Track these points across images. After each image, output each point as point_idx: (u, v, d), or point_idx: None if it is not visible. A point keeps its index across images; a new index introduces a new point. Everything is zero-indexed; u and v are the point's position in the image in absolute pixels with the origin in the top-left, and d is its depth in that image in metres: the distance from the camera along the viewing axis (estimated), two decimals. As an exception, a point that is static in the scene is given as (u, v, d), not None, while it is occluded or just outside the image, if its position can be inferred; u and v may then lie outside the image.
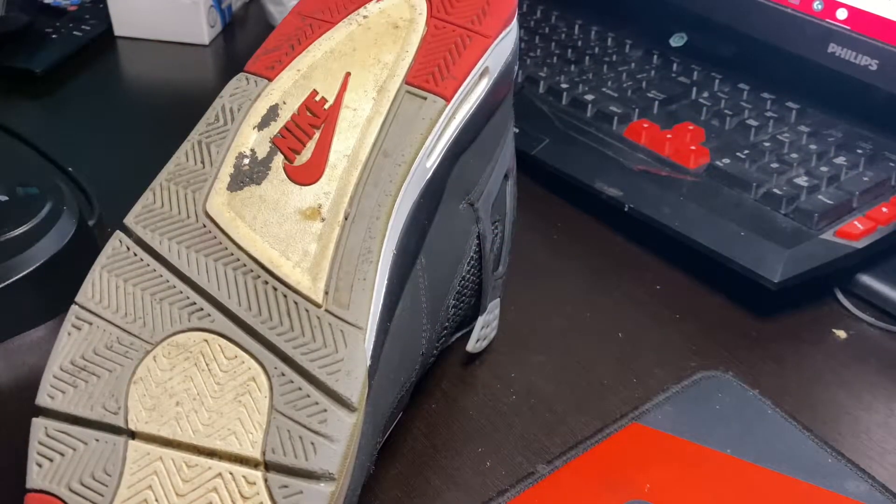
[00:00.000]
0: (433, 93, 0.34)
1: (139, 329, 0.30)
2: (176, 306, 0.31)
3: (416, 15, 0.36)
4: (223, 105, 0.35)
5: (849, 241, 0.46)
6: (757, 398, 0.40)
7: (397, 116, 0.33)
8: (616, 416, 0.40)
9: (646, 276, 0.50)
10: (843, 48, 0.53)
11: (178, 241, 0.32)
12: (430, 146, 0.34)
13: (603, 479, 0.36)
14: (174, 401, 0.29)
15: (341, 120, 0.33)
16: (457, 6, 0.36)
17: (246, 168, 0.33)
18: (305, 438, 0.28)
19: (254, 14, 0.80)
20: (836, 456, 0.38)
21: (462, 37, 0.35)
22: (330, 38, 0.36)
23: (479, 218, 0.38)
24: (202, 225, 0.32)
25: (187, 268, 0.31)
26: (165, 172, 0.33)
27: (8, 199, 0.47)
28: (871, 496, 0.36)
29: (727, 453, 0.38)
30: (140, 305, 0.31)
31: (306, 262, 0.31)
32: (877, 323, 0.47)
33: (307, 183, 0.32)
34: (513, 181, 0.42)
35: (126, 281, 0.31)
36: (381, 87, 0.34)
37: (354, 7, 0.36)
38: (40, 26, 0.73)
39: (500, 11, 0.36)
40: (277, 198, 0.32)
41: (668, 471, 0.37)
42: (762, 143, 0.54)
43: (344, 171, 0.32)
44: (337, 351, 0.29)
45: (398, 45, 0.35)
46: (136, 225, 0.32)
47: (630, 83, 0.60)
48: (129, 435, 0.29)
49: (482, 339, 0.42)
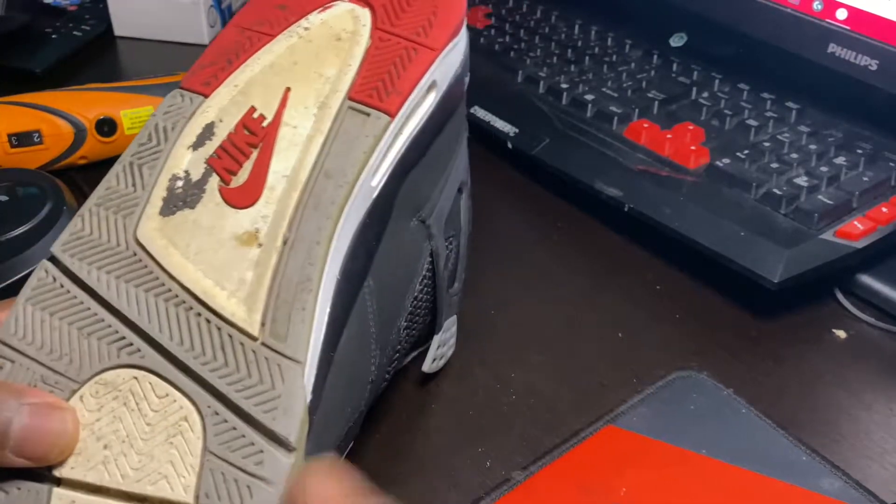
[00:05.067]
0: (377, 108, 0.32)
1: (65, 367, 0.28)
2: (105, 341, 0.28)
3: (360, 27, 0.34)
4: (156, 124, 0.32)
5: (849, 241, 0.46)
6: (731, 397, 0.41)
7: (339, 134, 0.32)
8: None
9: (646, 276, 0.50)
10: (843, 48, 0.53)
11: (108, 271, 0.29)
12: (375, 165, 0.32)
13: (578, 483, 0.36)
14: (102, 444, 0.27)
15: (280, 138, 0.31)
16: (402, 17, 0.34)
17: (179, 191, 0.31)
18: (241, 481, 0.26)
19: (254, 14, 0.80)
20: (810, 454, 0.38)
21: (407, 49, 0.33)
22: (269, 51, 0.34)
23: (432, 234, 0.37)
24: (133, 253, 0.30)
25: (116, 300, 0.29)
26: (95, 197, 0.31)
27: (8, 199, 0.47)
28: (845, 493, 0.36)
29: (702, 454, 0.38)
30: (66, 341, 0.28)
31: (242, 292, 0.28)
32: (876, 323, 0.47)
33: (244, 206, 0.30)
34: (467, 194, 0.41)
35: (52, 315, 0.29)
36: (323, 102, 0.32)
37: (295, 19, 0.35)
38: (40, 26, 0.73)
39: (447, 22, 0.35)
40: (213, 223, 0.30)
41: (643, 473, 0.37)
42: (762, 143, 0.54)
43: (283, 192, 0.30)
44: (273, 387, 0.27)
45: (340, 58, 0.33)
46: (63, 254, 0.30)
47: (630, 83, 0.60)
48: (53, 482, 0.27)
49: (439, 359, 0.41)
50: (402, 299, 0.36)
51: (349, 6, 0.35)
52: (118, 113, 0.56)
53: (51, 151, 0.55)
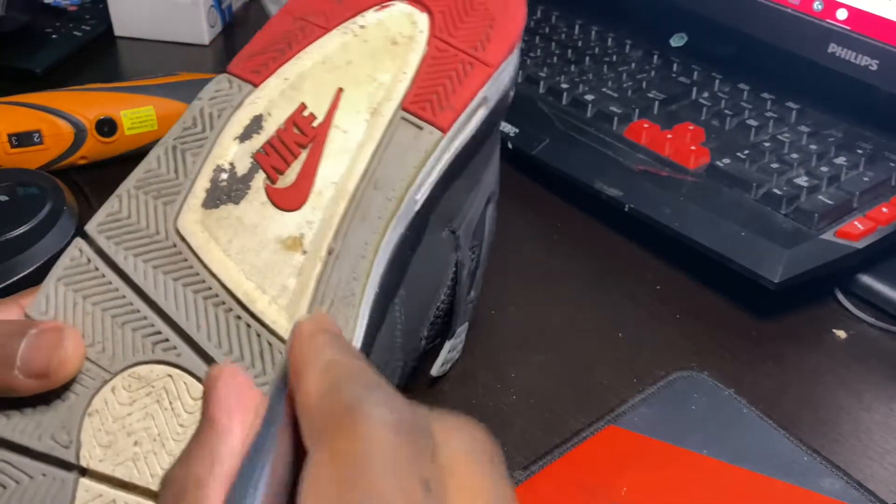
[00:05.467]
0: (430, 123, 0.31)
1: (97, 355, 0.27)
2: (139, 333, 0.28)
3: (417, 32, 0.33)
4: (202, 108, 0.31)
5: (849, 241, 0.46)
6: (732, 397, 0.40)
7: (391, 145, 0.31)
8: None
9: (646, 277, 0.50)
10: (844, 48, 0.53)
11: (145, 260, 0.28)
12: (422, 179, 0.31)
13: (579, 483, 0.36)
14: (132, 440, 0.26)
15: (330, 141, 0.31)
16: (460, 28, 0.33)
17: (224, 184, 0.30)
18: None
19: (254, 14, 0.80)
20: (811, 454, 0.38)
21: (464, 63, 0.33)
22: (322, 45, 0.33)
23: (459, 245, 0.37)
24: (172, 244, 0.29)
25: (153, 291, 0.28)
26: (134, 178, 0.30)
27: (8, 199, 0.47)
28: (846, 493, 0.36)
29: (703, 454, 0.38)
30: (100, 328, 0.28)
31: (284, 299, 0.28)
32: (877, 323, 0.47)
33: (290, 209, 0.30)
34: (494, 205, 0.40)
35: (85, 298, 0.28)
36: (375, 109, 0.31)
37: (351, 14, 0.34)
38: (40, 26, 0.73)
39: (505, 38, 0.34)
40: (256, 222, 0.29)
41: (644, 473, 0.37)
42: (762, 144, 0.54)
43: (330, 199, 0.30)
44: None
45: (396, 63, 0.32)
46: (98, 234, 0.29)
47: (630, 83, 0.60)
48: (79, 472, 0.26)
49: (447, 363, 0.41)
50: (427, 309, 0.36)
51: (408, 8, 0.34)
52: (118, 113, 0.56)
53: (51, 151, 0.55)
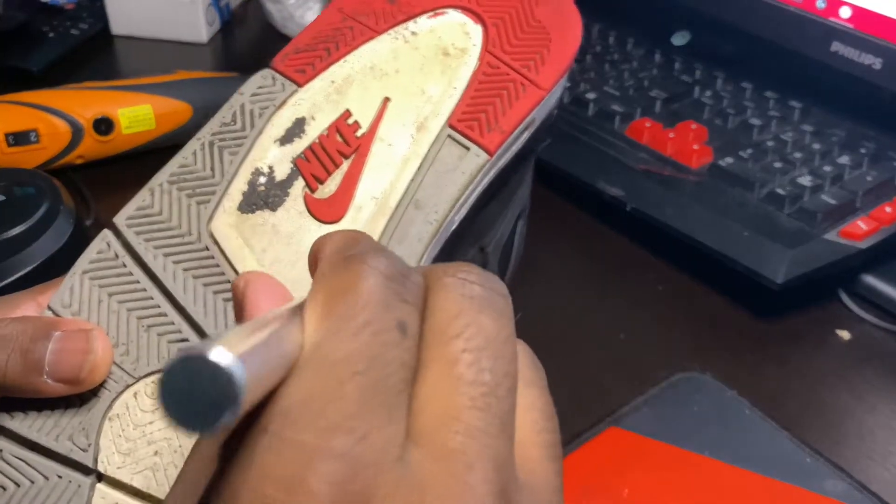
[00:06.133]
0: (477, 144, 0.30)
1: (120, 357, 0.26)
2: (165, 339, 0.27)
3: (470, 45, 0.32)
4: (242, 104, 0.30)
5: (852, 241, 0.46)
6: (735, 399, 0.40)
7: (435, 163, 0.30)
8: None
9: (648, 277, 0.49)
10: (847, 47, 0.53)
11: (175, 261, 0.28)
12: (463, 201, 0.30)
13: (581, 484, 0.36)
14: (153, 449, 0.26)
15: (373, 153, 0.30)
16: (514, 44, 0.32)
17: (261, 188, 0.29)
18: None
19: (252, 12, 0.79)
20: (814, 455, 0.38)
21: (516, 84, 0.31)
22: (372, 49, 0.31)
23: (488, 262, 0.36)
24: (204, 246, 0.28)
25: (182, 295, 0.27)
26: (167, 172, 0.29)
27: (5, 198, 0.46)
28: (849, 495, 0.36)
29: (705, 455, 0.37)
30: (125, 329, 0.27)
31: None
32: (880, 323, 0.46)
33: (328, 221, 0.29)
34: (524, 220, 0.39)
35: (111, 295, 0.27)
36: (422, 124, 0.30)
37: (403, 18, 0.32)
38: (37, 25, 0.72)
39: (560, 59, 0.32)
40: (292, 232, 0.28)
41: (646, 475, 0.37)
42: (765, 143, 0.53)
43: (370, 216, 0.29)
44: None
45: (446, 77, 0.31)
46: (127, 229, 0.28)
47: (632, 82, 0.60)
48: (96, 477, 0.26)
49: None
50: None
51: (462, 18, 0.33)
52: (116, 112, 0.55)
53: (48, 151, 0.54)
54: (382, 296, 0.19)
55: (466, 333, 0.19)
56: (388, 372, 0.18)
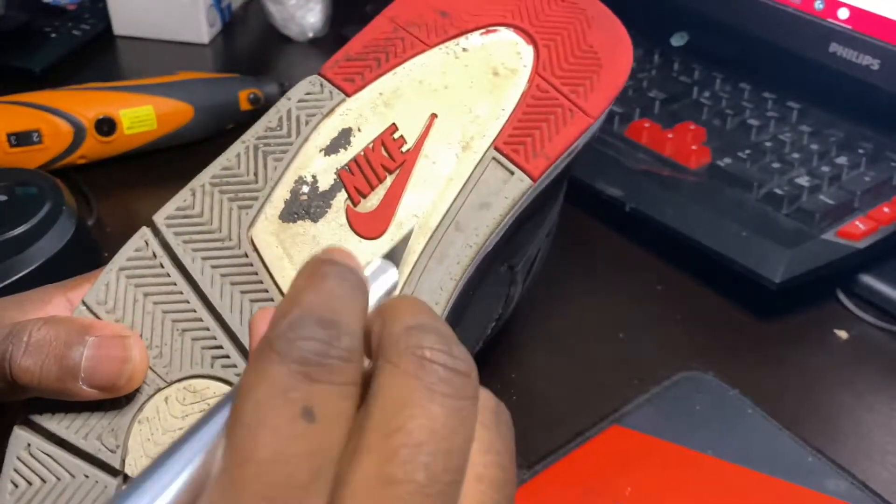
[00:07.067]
0: (521, 169, 0.30)
1: (153, 360, 0.26)
2: (199, 344, 0.26)
3: (521, 66, 0.31)
4: (289, 109, 0.30)
5: (850, 241, 0.46)
6: (737, 397, 0.40)
7: (478, 185, 0.29)
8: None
9: (647, 277, 0.50)
10: (845, 48, 0.53)
11: (214, 265, 0.27)
12: (503, 225, 0.30)
13: (583, 483, 0.36)
14: None
15: (417, 170, 0.29)
16: (565, 68, 0.32)
17: (304, 198, 0.28)
18: None
19: (253, 13, 0.79)
20: (816, 455, 0.38)
21: (564, 109, 0.31)
22: (422, 63, 0.31)
23: (516, 280, 0.35)
24: (244, 253, 0.27)
25: (218, 301, 0.27)
26: (209, 174, 0.28)
27: (7, 199, 0.46)
28: (850, 494, 0.36)
29: (708, 454, 0.37)
30: (159, 331, 0.26)
31: None
32: (878, 323, 0.46)
33: (368, 236, 0.28)
34: (551, 238, 0.38)
35: (146, 295, 0.27)
36: (468, 144, 0.30)
37: (455, 33, 0.32)
38: (39, 25, 0.72)
39: (609, 87, 0.32)
40: (332, 244, 0.28)
41: (648, 473, 0.37)
42: (763, 143, 0.53)
43: (411, 234, 0.28)
44: None
45: (495, 97, 0.31)
46: (167, 228, 0.27)
47: (631, 82, 0.60)
48: (123, 478, 0.26)
49: None
50: (475, 345, 0.35)
51: (514, 37, 0.32)
52: (118, 112, 0.55)
53: (50, 151, 0.55)
54: (283, 387, 0.17)
55: (410, 426, 0.18)
56: (290, 471, 0.17)
